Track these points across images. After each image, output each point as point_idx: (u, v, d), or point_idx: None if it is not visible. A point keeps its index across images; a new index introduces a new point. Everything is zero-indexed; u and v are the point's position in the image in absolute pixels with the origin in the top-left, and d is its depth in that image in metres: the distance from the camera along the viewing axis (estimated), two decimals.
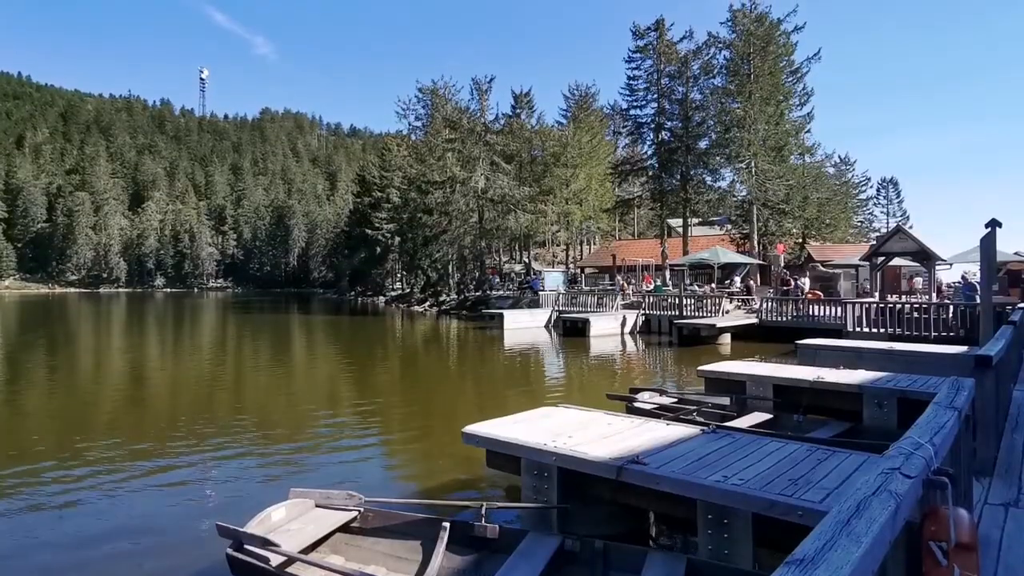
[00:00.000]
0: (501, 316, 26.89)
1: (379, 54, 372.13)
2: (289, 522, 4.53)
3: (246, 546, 4.04)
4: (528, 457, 4.97)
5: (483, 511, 4.56)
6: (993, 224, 6.79)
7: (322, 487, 5.10)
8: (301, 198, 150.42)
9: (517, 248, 59.33)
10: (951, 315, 16.94)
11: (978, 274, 15.87)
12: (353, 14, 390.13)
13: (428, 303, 47.81)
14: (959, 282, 21.62)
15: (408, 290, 61.20)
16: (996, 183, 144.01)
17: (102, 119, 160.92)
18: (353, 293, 77.15)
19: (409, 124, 56.79)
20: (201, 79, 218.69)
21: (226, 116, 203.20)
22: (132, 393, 13.45)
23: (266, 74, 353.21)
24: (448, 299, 46.18)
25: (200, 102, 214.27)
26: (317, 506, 4.84)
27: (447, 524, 4.42)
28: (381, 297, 64.42)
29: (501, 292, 41.04)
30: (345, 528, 4.73)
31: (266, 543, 3.99)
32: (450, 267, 51.12)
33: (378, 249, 67.23)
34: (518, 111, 52.30)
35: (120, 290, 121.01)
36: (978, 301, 15.07)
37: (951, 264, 22.04)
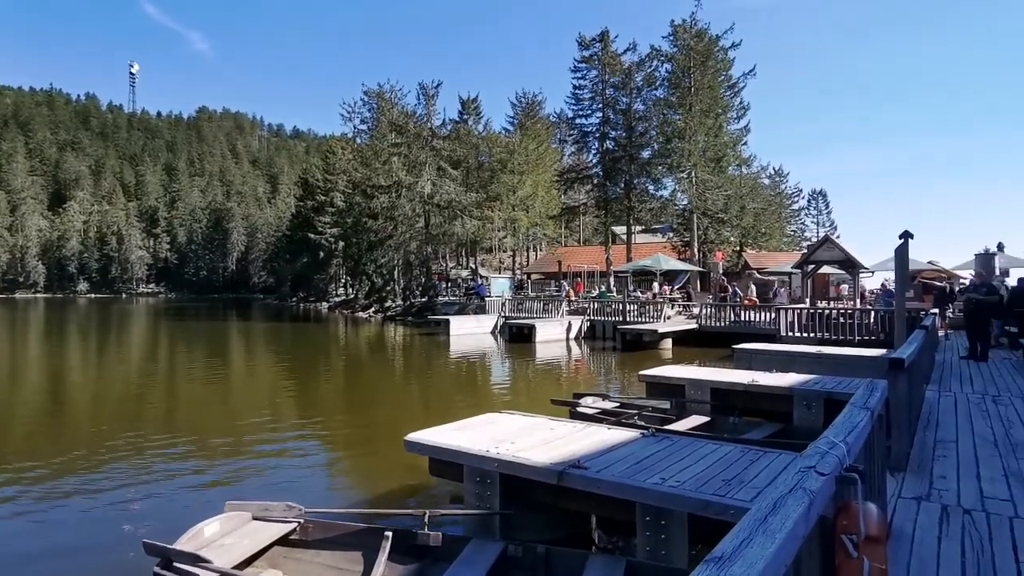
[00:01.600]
0: (447, 322, 26.76)
1: (323, 55, 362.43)
2: (223, 536, 4.37)
3: (175, 564, 3.87)
4: (470, 464, 4.98)
5: (426, 519, 4.54)
6: (905, 235, 7.28)
7: (260, 499, 4.94)
8: (241, 200, 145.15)
9: (464, 254, 59.20)
10: (872, 320, 17.96)
11: None
12: (296, 12, 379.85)
13: (373, 309, 47.05)
14: (880, 289, 22.97)
15: (352, 296, 60.07)
16: (917, 196, 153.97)
17: (21, 113, 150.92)
18: (295, 299, 75.17)
19: (354, 127, 55.89)
20: (131, 73, 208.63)
21: (159, 113, 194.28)
22: (51, 406, 12.64)
23: (203, 71, 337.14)
24: (394, 305, 45.60)
25: (130, 98, 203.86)
26: (254, 519, 4.69)
27: (389, 533, 4.37)
28: (324, 303, 62.94)
29: (447, 298, 40.82)
30: (284, 541, 4.61)
31: (197, 560, 3.83)
32: (396, 273, 50.51)
33: (321, 254, 65.76)
34: (465, 117, 52.29)
35: (38, 295, 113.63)
36: None
37: (873, 272, 23.41)
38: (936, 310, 15.83)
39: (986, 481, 4.22)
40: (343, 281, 69.73)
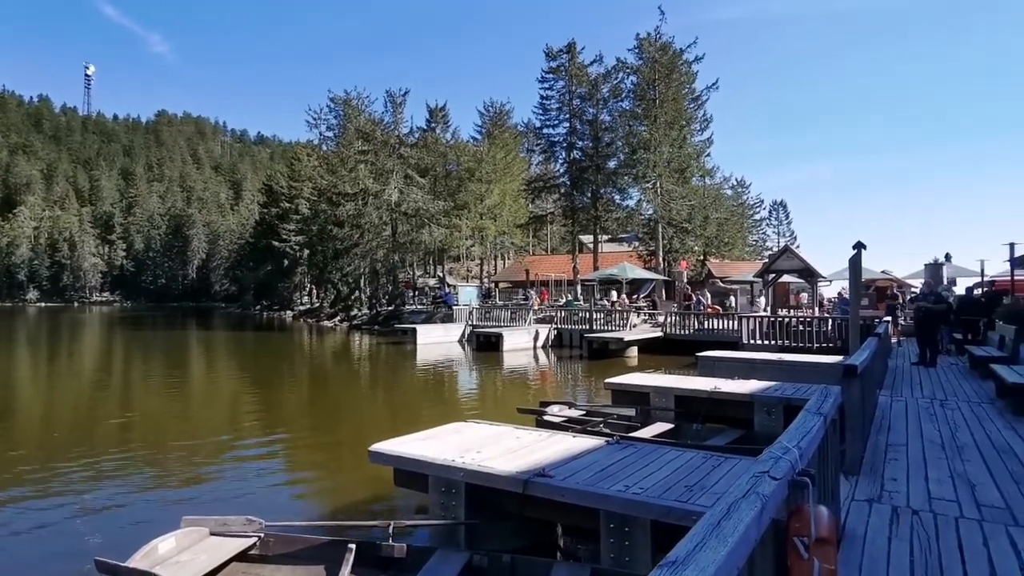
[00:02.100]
0: (414, 331, 26.56)
1: (288, 60, 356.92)
2: (179, 553, 4.25)
3: None
4: (436, 474, 4.95)
5: (390, 530, 4.50)
6: (859, 246, 7.56)
7: (219, 514, 4.82)
8: (202, 207, 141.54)
9: (431, 262, 58.98)
10: (830, 328, 18.51)
11: None
12: (260, 16, 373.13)
13: (339, 318, 46.40)
14: (836, 297, 23.69)
15: (317, 304, 59.19)
16: (872, 208, 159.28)
17: None
18: (258, 307, 73.61)
19: (320, 134, 55.41)
20: (86, 75, 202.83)
21: (116, 117, 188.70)
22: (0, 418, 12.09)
23: (163, 75, 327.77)
24: (360, 314, 45.06)
25: (84, 100, 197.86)
26: (212, 534, 4.57)
27: (353, 546, 4.32)
28: (288, 312, 61.84)
29: (415, 307, 40.54)
30: (243, 556, 4.50)
31: None
32: (362, 281, 49.96)
33: (286, 262, 64.65)
34: (433, 125, 52.27)
35: None
36: None
37: (831, 281, 24.13)
38: (889, 318, 16.43)
39: (934, 483, 4.39)
40: (308, 289, 68.66)
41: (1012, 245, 15.62)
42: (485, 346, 24.15)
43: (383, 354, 25.13)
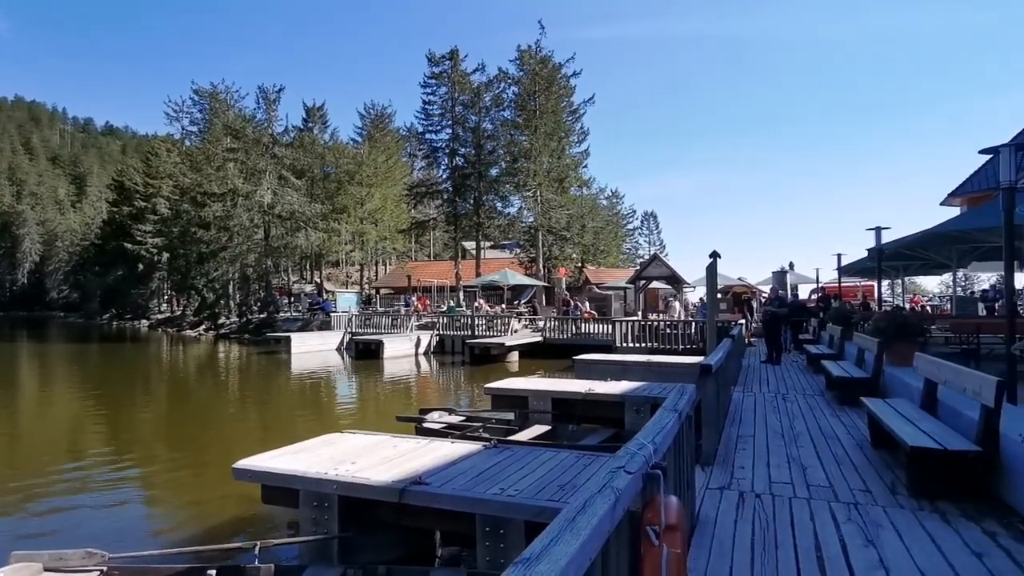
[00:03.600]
0: (288, 339, 25.26)
1: (145, 45, 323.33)
2: None
3: None
4: (307, 488, 4.73)
5: (256, 551, 4.24)
6: (714, 255, 8.29)
7: (56, 547, 4.29)
8: (36, 203, 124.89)
9: (308, 267, 56.43)
10: (694, 331, 20.04)
11: None
12: None
13: (204, 327, 43.03)
14: (699, 303, 25.71)
15: (179, 312, 54.48)
16: (733, 217, 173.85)
17: None
18: (107, 316, 66.28)
19: (183, 128, 51.30)
20: None
21: None
22: None
23: None
24: (228, 322, 42.07)
25: None
26: (46, 570, 4.09)
27: (213, 571, 4.04)
28: (144, 321, 56.31)
29: (289, 314, 38.59)
30: None
31: None
32: (231, 287, 46.65)
33: (141, 266, 58.86)
34: (310, 125, 50.21)
35: None
36: None
37: (695, 287, 26.15)
38: (743, 320, 18.12)
39: (774, 468, 4.89)
40: (168, 296, 63.00)
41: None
42: (365, 354, 23.49)
43: (254, 365, 23.63)
